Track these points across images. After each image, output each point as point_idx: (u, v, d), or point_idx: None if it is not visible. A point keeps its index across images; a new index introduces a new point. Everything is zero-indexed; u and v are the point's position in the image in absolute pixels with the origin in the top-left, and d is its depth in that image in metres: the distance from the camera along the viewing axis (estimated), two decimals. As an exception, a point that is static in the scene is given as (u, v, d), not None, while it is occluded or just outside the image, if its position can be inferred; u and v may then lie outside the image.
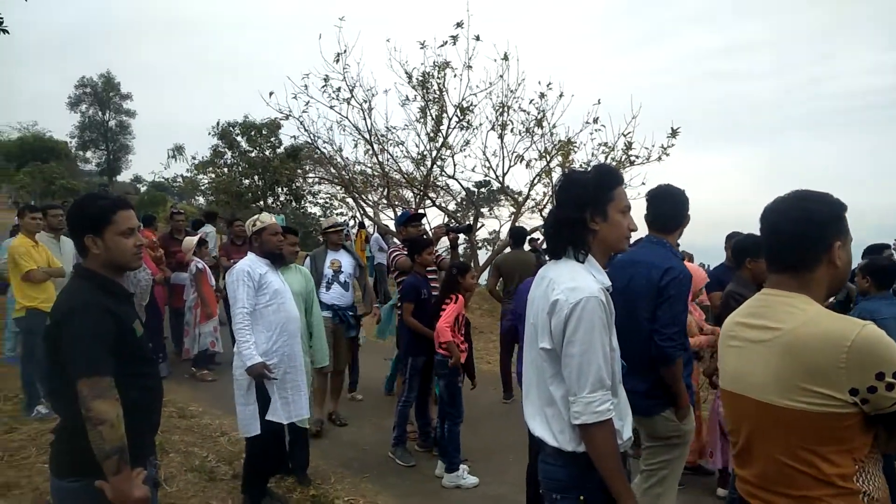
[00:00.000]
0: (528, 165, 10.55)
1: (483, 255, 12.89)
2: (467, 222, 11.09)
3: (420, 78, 10.44)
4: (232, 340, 4.05)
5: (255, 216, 4.26)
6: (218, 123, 20.22)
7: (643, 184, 9.52)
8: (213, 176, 19.22)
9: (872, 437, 1.59)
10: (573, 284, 1.95)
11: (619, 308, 3.04)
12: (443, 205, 12.79)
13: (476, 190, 17.55)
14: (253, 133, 19.71)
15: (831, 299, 4.02)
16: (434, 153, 10.94)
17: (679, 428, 3.15)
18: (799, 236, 1.66)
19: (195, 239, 7.51)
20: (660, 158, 9.81)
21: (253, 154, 19.64)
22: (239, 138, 20.09)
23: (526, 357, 2.17)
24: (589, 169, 2.24)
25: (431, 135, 10.80)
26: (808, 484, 1.59)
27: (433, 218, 12.33)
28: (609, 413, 1.91)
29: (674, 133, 9.73)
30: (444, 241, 5.88)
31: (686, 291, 3.17)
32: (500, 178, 10.90)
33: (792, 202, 1.70)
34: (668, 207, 3.27)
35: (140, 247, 2.23)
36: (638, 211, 3.51)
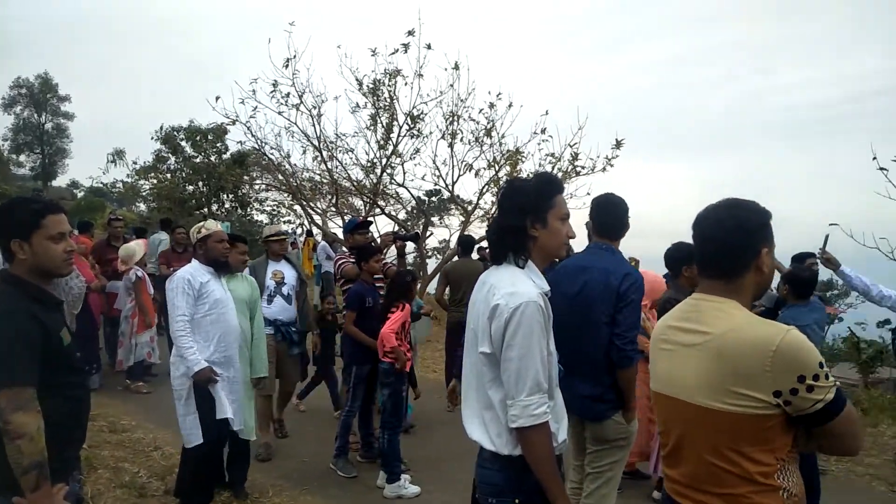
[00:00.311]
0: (476, 174, 10.66)
1: (433, 265, 12.92)
2: (415, 230, 11.08)
3: (371, 85, 10.42)
4: (170, 350, 3.93)
5: (201, 223, 4.17)
6: (161, 128, 19.62)
7: (588, 194, 9.74)
8: (156, 182, 18.64)
9: (792, 437, 1.65)
10: (513, 289, 1.97)
11: (571, 313, 3.13)
12: (392, 213, 12.75)
13: (427, 199, 17.57)
14: (198, 138, 19.18)
15: (761, 307, 4.19)
16: (384, 161, 10.91)
17: (627, 430, 3.23)
18: (731, 244, 1.71)
19: (133, 245, 7.25)
20: (604, 169, 10.07)
21: (198, 159, 19.12)
22: (183, 143, 19.53)
23: (466, 362, 2.18)
24: (530, 177, 2.28)
25: (381, 142, 10.78)
26: (733, 482, 1.64)
27: (383, 226, 12.26)
28: (546, 416, 1.93)
29: (618, 144, 10.02)
30: (394, 250, 5.84)
31: (642, 296, 3.26)
32: (450, 187, 10.96)
33: (724, 211, 1.75)
34: (614, 215, 3.35)
35: (71, 252, 2.16)
36: (578, 219, 3.59)
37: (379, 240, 6.09)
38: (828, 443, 1.68)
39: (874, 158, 6.97)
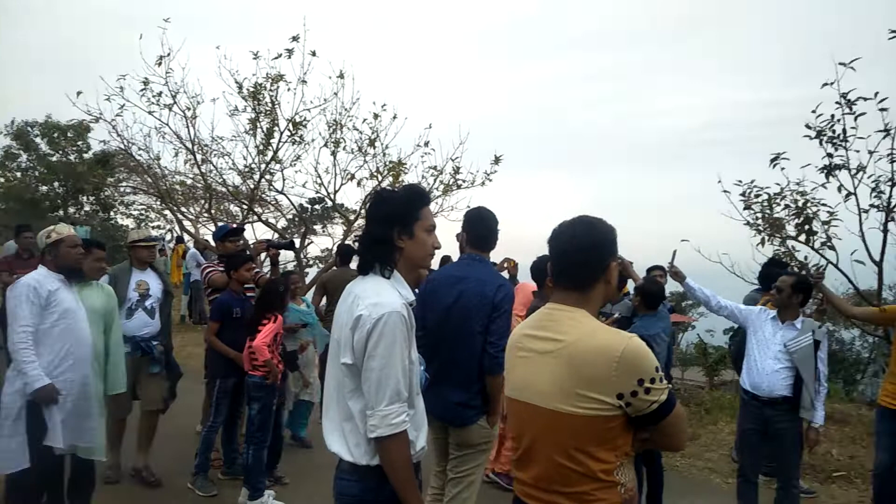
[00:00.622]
0: (359, 184, 10.59)
1: (315, 274, 12.63)
2: (291, 238, 10.81)
3: (251, 88, 10.06)
4: (8, 365, 3.56)
5: (51, 227, 3.81)
6: (13, 122, 17.75)
7: (468, 207, 9.97)
8: (2, 180, 16.84)
9: (631, 436, 1.79)
10: (377, 300, 1.99)
11: (447, 322, 3.23)
12: (272, 221, 12.35)
13: (310, 206, 17.21)
14: (56, 135, 17.56)
15: (616, 315, 4.51)
16: (263, 166, 10.57)
17: (490, 434, 3.34)
18: (585, 258, 1.84)
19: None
20: (483, 183, 10.42)
21: (55, 158, 17.51)
22: (38, 140, 17.80)
23: (328, 373, 2.17)
24: (397, 189, 2.32)
25: (261, 147, 10.42)
26: (579, 481, 1.75)
27: (262, 234, 11.84)
28: (404, 425, 1.96)
29: (497, 160, 10.42)
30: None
31: (512, 306, 3.39)
32: (332, 196, 10.83)
33: (578, 227, 1.88)
34: (488, 227, 3.47)
35: None
36: (447, 231, 3.69)
37: (252, 248, 5.88)
38: (660, 440, 1.83)
39: (719, 181, 7.76)
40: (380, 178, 10.46)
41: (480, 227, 3.47)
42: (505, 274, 6.08)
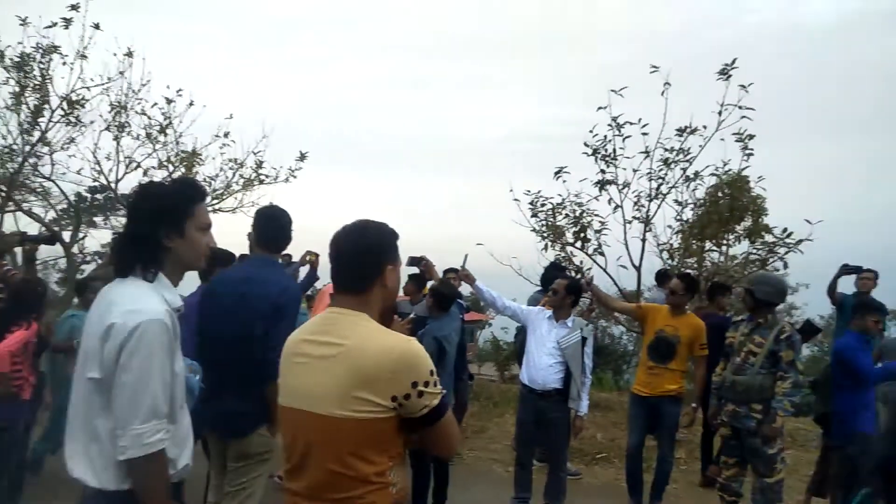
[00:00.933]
0: (146, 174, 9.69)
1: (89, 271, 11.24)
2: (56, 231, 9.53)
3: (16, 58, 8.71)
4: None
5: None
6: None
7: (271, 203, 9.64)
8: None
9: (404, 437, 1.81)
10: (134, 307, 1.81)
11: (227, 324, 3.05)
12: (37, 211, 10.75)
13: (89, 196, 15.30)
14: None
15: (412, 315, 4.63)
16: (27, 148, 9.19)
17: (271, 443, 3.19)
18: (360, 261, 1.84)
19: None
20: (287, 180, 10.18)
21: None
22: None
23: (74, 388, 1.91)
24: (168, 182, 2.14)
25: (26, 126, 9.06)
26: (351, 485, 1.73)
27: (25, 225, 10.25)
28: (161, 444, 1.80)
29: (302, 157, 10.24)
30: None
31: (298, 310, 3.27)
32: (114, 185, 9.77)
33: (355, 231, 1.87)
34: (278, 227, 3.33)
35: None
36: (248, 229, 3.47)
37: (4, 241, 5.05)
38: (431, 444, 1.88)
39: (511, 190, 8.40)
40: (171, 168, 9.70)
41: (269, 227, 3.33)
42: (307, 267, 5.97)
